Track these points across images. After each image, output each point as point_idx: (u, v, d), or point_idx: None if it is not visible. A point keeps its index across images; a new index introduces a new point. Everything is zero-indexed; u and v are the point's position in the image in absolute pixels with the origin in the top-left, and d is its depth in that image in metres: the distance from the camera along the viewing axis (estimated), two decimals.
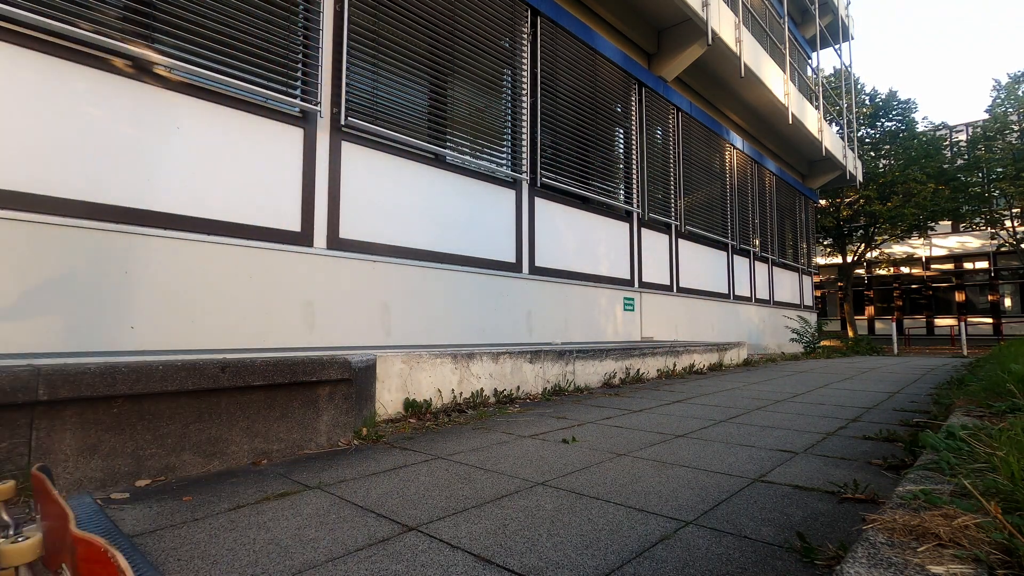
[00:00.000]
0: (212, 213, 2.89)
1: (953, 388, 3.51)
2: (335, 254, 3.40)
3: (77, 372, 1.53)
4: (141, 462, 1.65)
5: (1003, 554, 0.84)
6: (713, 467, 1.82)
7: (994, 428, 1.55)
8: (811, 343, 9.49)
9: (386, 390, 2.63)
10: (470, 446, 2.14)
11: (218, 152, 2.94)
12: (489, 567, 1.08)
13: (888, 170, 19.52)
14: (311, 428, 2.08)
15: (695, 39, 6.54)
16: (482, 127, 4.52)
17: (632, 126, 6.41)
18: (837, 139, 11.87)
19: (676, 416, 2.83)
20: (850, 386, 4.22)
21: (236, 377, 1.84)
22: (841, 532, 1.23)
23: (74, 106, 2.48)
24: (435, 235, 4.06)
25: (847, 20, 13.31)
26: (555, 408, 3.09)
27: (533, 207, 4.95)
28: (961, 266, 23.60)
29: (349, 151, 3.54)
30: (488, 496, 1.52)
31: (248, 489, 1.59)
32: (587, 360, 4.01)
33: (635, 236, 6.37)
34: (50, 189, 2.39)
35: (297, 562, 1.11)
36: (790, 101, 9.00)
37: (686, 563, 1.09)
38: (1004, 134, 19.34)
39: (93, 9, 2.52)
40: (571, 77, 5.48)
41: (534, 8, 4.99)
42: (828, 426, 2.54)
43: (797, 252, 11.59)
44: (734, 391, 3.91)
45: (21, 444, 1.46)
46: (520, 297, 4.71)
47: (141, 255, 2.61)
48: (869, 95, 21.25)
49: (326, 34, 3.43)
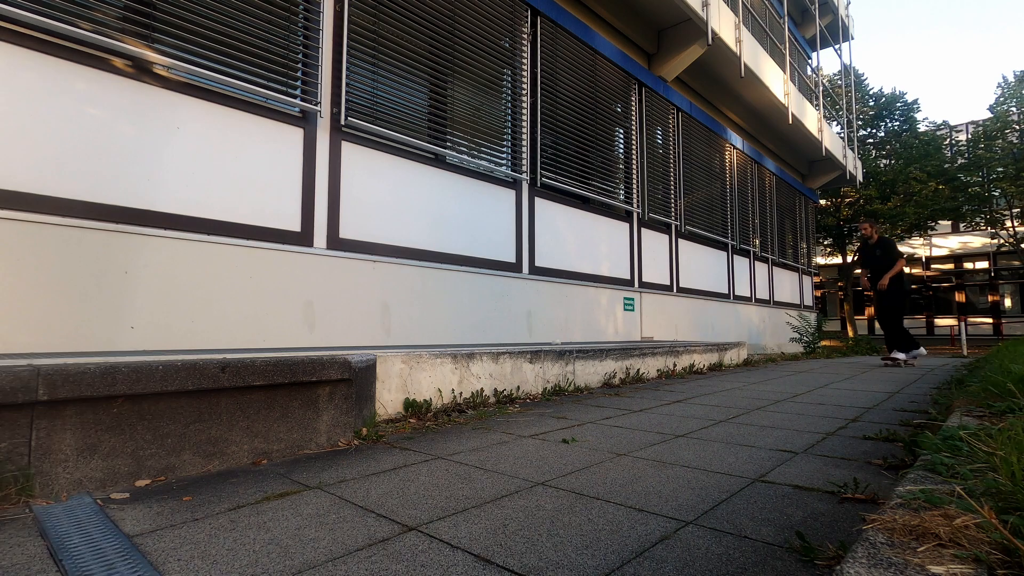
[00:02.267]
0: (212, 213, 2.89)
1: (953, 388, 3.51)
2: (335, 254, 3.40)
3: (77, 372, 1.53)
4: (141, 462, 1.65)
5: (1003, 554, 0.84)
6: (713, 467, 1.82)
7: (994, 428, 1.55)
8: (811, 343, 9.49)
9: (386, 390, 2.63)
10: (470, 446, 2.14)
11: (218, 152, 2.94)
12: (489, 567, 1.08)
13: (888, 170, 19.52)
14: (311, 428, 2.08)
15: (695, 39, 6.54)
16: (482, 127, 4.52)
17: (632, 126, 6.41)
18: (837, 139, 11.87)
19: (676, 416, 2.83)
20: (850, 386, 4.22)
21: (236, 377, 1.84)
22: (841, 532, 1.23)
23: (74, 106, 2.48)
24: (435, 235, 4.06)
25: (847, 20, 13.31)
26: (555, 408, 3.08)
27: (533, 207, 4.95)
28: (961, 266, 23.60)
29: (349, 151, 3.54)
30: (488, 496, 1.52)
31: (248, 489, 1.59)
32: (587, 360, 4.01)
33: (635, 236, 6.37)
34: (50, 189, 2.39)
35: (297, 562, 1.11)
36: (790, 101, 9.00)
37: (686, 563, 1.09)
38: (1005, 133, 19.34)
39: (93, 9, 2.52)
40: (571, 77, 5.48)
41: (534, 8, 4.99)
42: (828, 426, 2.54)
43: (797, 252, 11.59)
44: (734, 391, 3.91)
45: (21, 444, 1.46)
46: (520, 297, 4.71)
47: (141, 255, 2.61)
48: (872, 95, 21.24)
49: (326, 34, 3.43)
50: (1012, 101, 19.66)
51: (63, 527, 1.27)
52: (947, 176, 19.27)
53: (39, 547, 1.17)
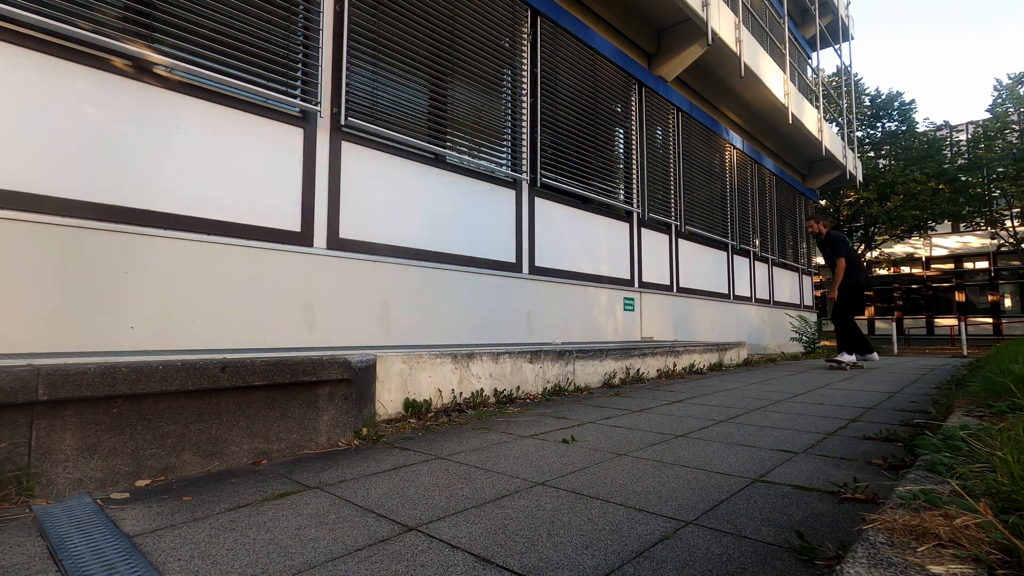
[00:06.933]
0: (212, 213, 2.89)
1: (953, 388, 3.51)
2: (335, 254, 3.40)
3: (77, 372, 1.53)
4: (141, 462, 1.65)
5: (1003, 554, 0.84)
6: (713, 467, 1.82)
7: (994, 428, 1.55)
8: (811, 343, 9.49)
9: (386, 390, 2.63)
10: (470, 446, 2.14)
11: (218, 152, 2.94)
12: (489, 567, 1.08)
13: (888, 171, 19.51)
14: (311, 428, 2.08)
15: (695, 39, 6.54)
16: (482, 127, 4.52)
17: (632, 126, 6.41)
18: (837, 139, 11.87)
19: (676, 416, 2.83)
20: (850, 386, 4.22)
21: (236, 377, 1.84)
22: (841, 532, 1.23)
23: (74, 106, 2.48)
24: (435, 235, 4.06)
25: (847, 20, 13.30)
26: (555, 408, 3.08)
27: (533, 207, 4.95)
28: (961, 266, 23.60)
29: (349, 151, 3.54)
30: (488, 496, 1.52)
31: (248, 489, 1.59)
32: (587, 360, 4.01)
33: (635, 236, 6.37)
34: (50, 189, 2.39)
35: (297, 562, 1.11)
36: (790, 101, 9.00)
37: (686, 563, 1.09)
38: (1004, 134, 19.35)
39: (93, 9, 2.52)
40: (571, 77, 5.48)
41: (534, 8, 4.99)
42: (828, 426, 2.54)
43: (797, 252, 11.59)
44: (734, 391, 3.91)
45: (21, 444, 1.46)
46: (520, 297, 4.71)
47: (141, 255, 2.61)
48: (870, 96, 21.24)
49: (326, 34, 3.43)
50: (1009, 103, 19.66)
51: (63, 527, 1.27)
52: (947, 176, 19.27)
53: (39, 547, 1.17)
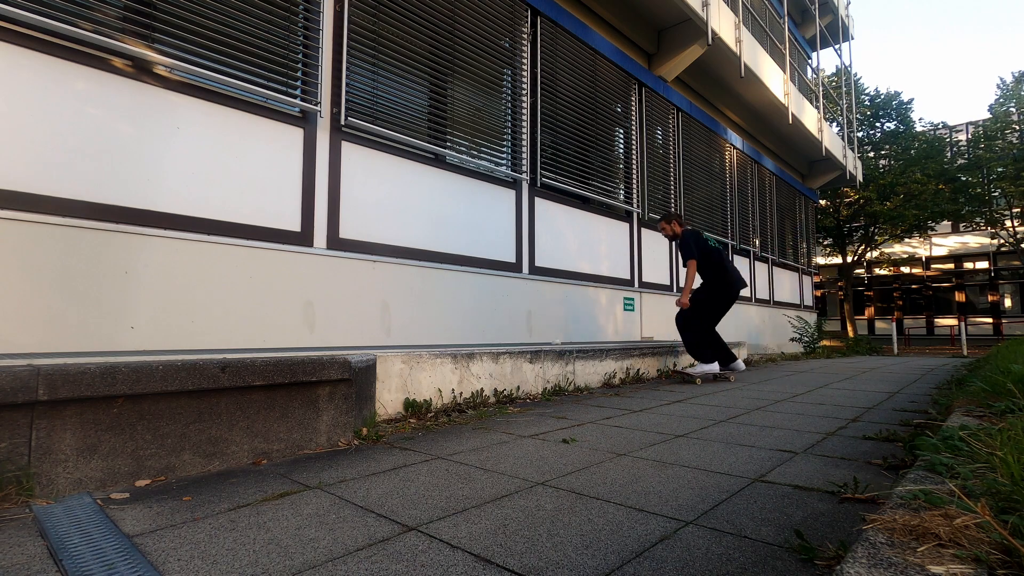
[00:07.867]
0: (212, 213, 2.89)
1: (953, 388, 3.51)
2: (335, 254, 3.40)
3: (77, 372, 1.53)
4: (141, 462, 1.65)
5: (1003, 554, 0.84)
6: (713, 467, 1.82)
7: (994, 428, 1.55)
8: (811, 343, 9.49)
9: (386, 390, 2.63)
10: (470, 446, 2.14)
11: (218, 152, 2.94)
12: (489, 567, 1.08)
13: (888, 171, 19.52)
14: (311, 428, 2.08)
15: (695, 39, 6.54)
16: (482, 127, 4.52)
17: (632, 126, 6.41)
18: (837, 139, 11.87)
19: (676, 416, 2.83)
20: (850, 386, 4.22)
21: (236, 377, 1.84)
22: (841, 532, 1.23)
23: (74, 106, 2.48)
24: (435, 235, 4.06)
25: (847, 20, 13.30)
26: (555, 408, 3.08)
27: (533, 207, 4.95)
28: (961, 266, 23.59)
29: (349, 151, 3.54)
30: (488, 496, 1.52)
31: (248, 489, 1.59)
32: (587, 360, 4.01)
33: (635, 236, 6.37)
34: (50, 189, 2.39)
35: (297, 562, 1.11)
36: (790, 101, 9.00)
37: (686, 563, 1.09)
38: (1005, 133, 19.35)
39: (93, 9, 2.52)
40: (571, 77, 5.48)
41: (534, 8, 4.99)
42: (828, 426, 2.54)
43: (797, 252, 11.59)
44: (734, 391, 3.91)
45: (21, 444, 1.46)
46: (520, 297, 4.71)
47: (141, 255, 2.61)
48: (869, 96, 21.25)
49: (326, 34, 3.43)
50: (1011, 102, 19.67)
51: (63, 527, 1.27)
52: (948, 176, 19.27)
53: (39, 547, 1.17)
